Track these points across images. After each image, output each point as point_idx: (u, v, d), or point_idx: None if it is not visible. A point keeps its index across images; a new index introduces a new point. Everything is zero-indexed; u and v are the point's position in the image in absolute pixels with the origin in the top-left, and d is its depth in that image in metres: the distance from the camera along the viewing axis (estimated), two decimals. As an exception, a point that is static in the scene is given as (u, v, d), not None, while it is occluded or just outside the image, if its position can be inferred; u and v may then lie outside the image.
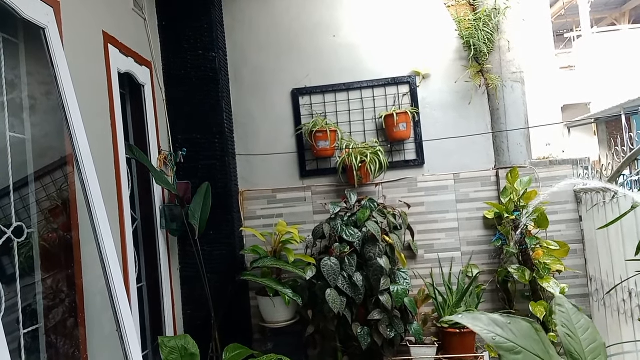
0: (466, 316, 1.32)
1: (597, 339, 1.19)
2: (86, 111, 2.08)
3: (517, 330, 1.28)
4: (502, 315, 1.34)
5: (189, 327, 3.16)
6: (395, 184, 3.48)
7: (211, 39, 3.27)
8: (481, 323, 1.27)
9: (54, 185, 2.08)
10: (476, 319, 1.29)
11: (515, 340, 1.25)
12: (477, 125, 3.44)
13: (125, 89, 2.91)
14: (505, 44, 3.39)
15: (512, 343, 1.24)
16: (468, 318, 1.30)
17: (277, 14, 3.63)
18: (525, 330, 1.29)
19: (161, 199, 3.03)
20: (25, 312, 1.86)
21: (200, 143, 3.25)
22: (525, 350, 1.23)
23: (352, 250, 3.05)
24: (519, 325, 1.28)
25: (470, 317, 1.31)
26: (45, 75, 2.03)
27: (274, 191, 3.57)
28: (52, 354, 1.95)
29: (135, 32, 2.95)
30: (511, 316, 1.32)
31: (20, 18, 1.87)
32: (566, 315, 1.23)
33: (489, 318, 1.30)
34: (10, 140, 1.86)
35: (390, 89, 3.52)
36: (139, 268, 2.88)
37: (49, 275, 2.00)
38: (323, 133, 3.38)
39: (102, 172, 2.25)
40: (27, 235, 1.89)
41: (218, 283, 3.15)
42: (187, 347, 2.38)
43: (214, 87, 3.28)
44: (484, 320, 1.29)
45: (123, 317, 1.87)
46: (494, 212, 3.27)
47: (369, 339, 2.97)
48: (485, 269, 3.35)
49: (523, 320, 1.30)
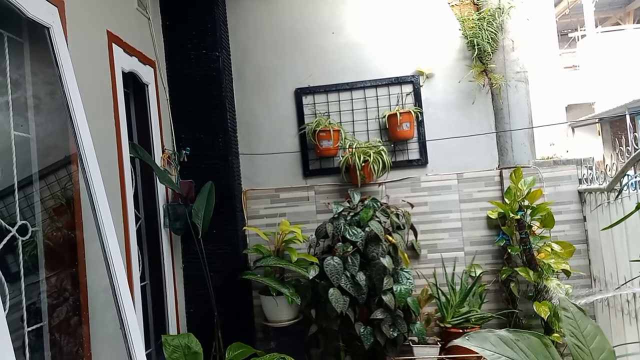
0: (473, 338, 1.30)
1: (606, 347, 1.17)
2: (90, 110, 2.09)
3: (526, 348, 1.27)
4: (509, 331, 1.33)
5: (192, 326, 3.16)
6: (399, 184, 3.48)
7: (215, 38, 3.27)
8: (489, 344, 1.26)
9: (58, 184, 2.09)
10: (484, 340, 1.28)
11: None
12: (480, 125, 3.44)
13: (129, 88, 2.92)
14: (509, 44, 3.38)
15: None
16: (476, 340, 1.29)
17: (281, 13, 3.63)
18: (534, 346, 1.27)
19: (165, 197, 3.04)
20: (29, 310, 1.87)
21: (203, 142, 3.26)
22: None
23: (355, 250, 3.05)
24: (527, 342, 1.27)
25: (478, 339, 1.29)
26: (49, 75, 2.03)
27: (277, 190, 3.58)
28: (56, 352, 1.95)
29: (139, 32, 2.95)
30: (518, 331, 1.31)
31: (25, 17, 1.87)
32: (573, 322, 1.22)
33: (497, 337, 1.29)
34: (15, 139, 1.87)
35: (394, 88, 3.51)
36: (143, 267, 2.88)
37: (53, 273, 2.00)
38: (326, 132, 3.38)
39: (106, 171, 2.26)
40: (32, 234, 1.89)
41: (221, 282, 3.16)
42: (190, 345, 2.39)
43: (217, 87, 3.28)
44: (491, 341, 1.28)
45: (127, 315, 1.87)
46: (498, 212, 3.27)
47: (372, 338, 2.97)
48: (488, 269, 3.35)
49: (531, 334, 1.29)
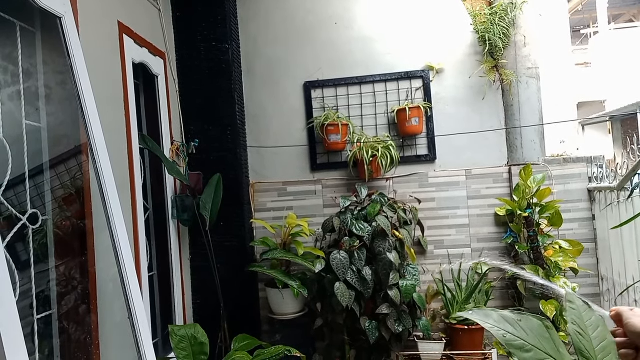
0: (477, 312, 1.31)
1: (607, 337, 1.17)
2: (101, 101, 2.10)
3: (527, 328, 1.27)
4: (512, 312, 1.34)
5: (198, 317, 3.19)
6: (406, 179, 3.47)
7: (225, 30, 3.27)
8: (492, 320, 1.27)
9: (68, 174, 2.10)
10: (487, 316, 1.29)
11: (526, 338, 1.24)
12: (490, 121, 3.41)
13: (139, 79, 2.93)
14: (521, 39, 3.35)
15: (522, 341, 1.23)
16: (479, 314, 1.30)
17: (291, 6, 3.61)
18: (536, 328, 1.28)
19: (173, 189, 3.05)
20: (38, 297, 1.89)
21: (212, 134, 3.26)
22: (535, 348, 1.23)
23: (362, 245, 3.05)
24: (529, 323, 1.28)
25: (481, 314, 1.30)
26: (60, 65, 2.04)
27: (284, 184, 3.58)
28: (65, 340, 1.98)
29: (150, 23, 2.96)
30: (522, 313, 1.32)
31: (37, 7, 1.88)
32: (577, 313, 1.22)
33: (500, 315, 1.30)
34: (26, 128, 1.88)
35: (403, 83, 3.50)
36: (150, 257, 2.90)
37: (62, 262, 2.02)
38: (334, 126, 3.38)
39: (116, 162, 2.27)
40: (42, 223, 1.91)
41: (227, 274, 3.17)
42: (197, 336, 2.41)
43: (226, 79, 3.28)
44: (494, 317, 1.28)
45: (135, 304, 1.89)
46: (506, 209, 3.25)
47: (377, 333, 2.98)
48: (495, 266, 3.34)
49: (534, 317, 1.30)
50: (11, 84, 1.88)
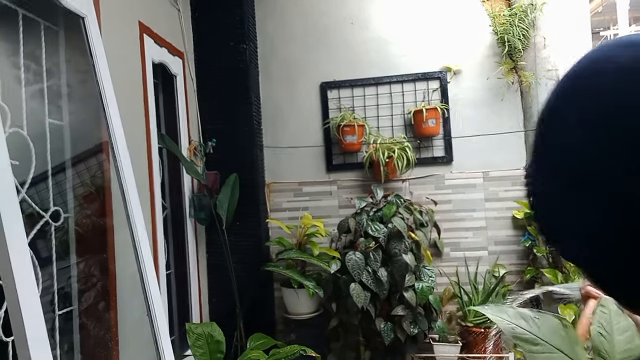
0: (492, 308, 1.31)
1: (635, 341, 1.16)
2: (121, 100, 2.12)
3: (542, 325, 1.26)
4: (531, 310, 1.32)
5: (214, 315, 3.21)
6: (422, 181, 3.45)
7: (242, 30, 3.28)
8: (506, 315, 1.26)
9: (88, 172, 2.13)
10: (501, 312, 1.28)
11: (537, 333, 1.23)
12: (508, 123, 3.38)
13: (158, 79, 2.95)
14: (541, 41, 3.31)
15: (532, 335, 1.22)
16: (493, 310, 1.29)
17: (308, 7, 3.62)
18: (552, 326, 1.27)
19: (190, 188, 3.07)
20: (59, 294, 1.92)
21: (229, 134, 3.28)
22: (545, 342, 1.21)
23: (377, 246, 3.04)
24: (547, 321, 1.26)
25: (495, 309, 1.29)
26: (82, 63, 2.07)
27: (300, 184, 3.58)
28: (85, 335, 2.00)
29: (169, 23, 2.98)
30: (541, 312, 1.30)
31: (61, 6, 1.91)
32: (606, 317, 1.20)
33: (517, 312, 1.29)
34: (49, 126, 1.91)
35: (420, 84, 3.48)
36: (168, 255, 2.93)
37: (82, 259, 2.05)
38: (350, 127, 3.37)
39: (135, 161, 2.29)
40: (64, 220, 1.94)
41: (243, 273, 3.18)
42: (213, 334, 2.42)
43: (243, 79, 3.29)
44: (509, 313, 1.27)
45: (153, 302, 1.91)
46: (524, 212, 3.21)
47: (392, 334, 2.97)
48: (512, 269, 3.30)
49: (554, 316, 1.28)
50: (34, 82, 1.92)
